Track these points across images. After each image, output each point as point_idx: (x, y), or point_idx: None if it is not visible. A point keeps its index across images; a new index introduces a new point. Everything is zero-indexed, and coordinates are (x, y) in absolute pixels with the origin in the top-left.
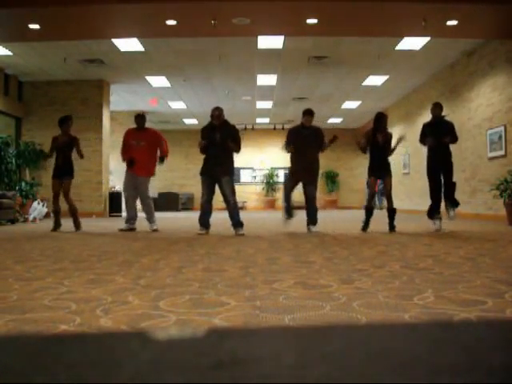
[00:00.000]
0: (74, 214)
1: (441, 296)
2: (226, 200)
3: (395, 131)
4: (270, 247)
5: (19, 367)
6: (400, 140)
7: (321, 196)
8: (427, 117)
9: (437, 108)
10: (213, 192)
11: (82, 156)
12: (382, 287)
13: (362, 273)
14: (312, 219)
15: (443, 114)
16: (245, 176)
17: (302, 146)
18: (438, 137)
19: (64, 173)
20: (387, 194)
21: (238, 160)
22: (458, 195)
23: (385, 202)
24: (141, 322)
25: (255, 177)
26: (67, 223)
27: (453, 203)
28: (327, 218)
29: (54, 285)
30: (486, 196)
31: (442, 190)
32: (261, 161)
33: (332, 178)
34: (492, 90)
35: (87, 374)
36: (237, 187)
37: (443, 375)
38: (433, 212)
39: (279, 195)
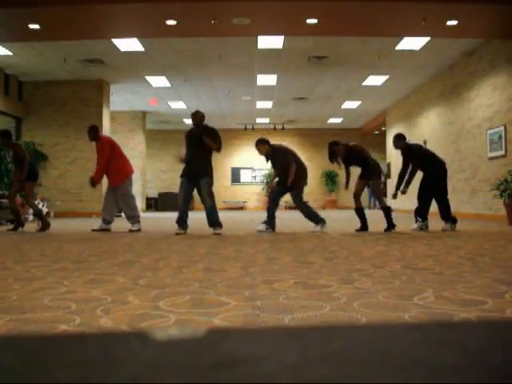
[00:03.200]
0: (40, 215)
1: (441, 296)
2: (202, 200)
3: (395, 131)
4: (270, 247)
5: (19, 367)
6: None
7: (321, 196)
8: (427, 117)
9: (400, 140)
10: (190, 194)
11: (22, 165)
12: (381, 287)
13: (362, 273)
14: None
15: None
16: (245, 176)
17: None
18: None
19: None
20: (376, 195)
21: (238, 160)
22: (458, 195)
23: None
24: (141, 322)
25: (255, 177)
26: (63, 223)
27: (450, 221)
28: (327, 218)
29: (54, 285)
30: (486, 196)
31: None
32: (261, 161)
33: (332, 178)
34: (492, 89)
35: (87, 373)
36: (237, 187)
37: (443, 375)
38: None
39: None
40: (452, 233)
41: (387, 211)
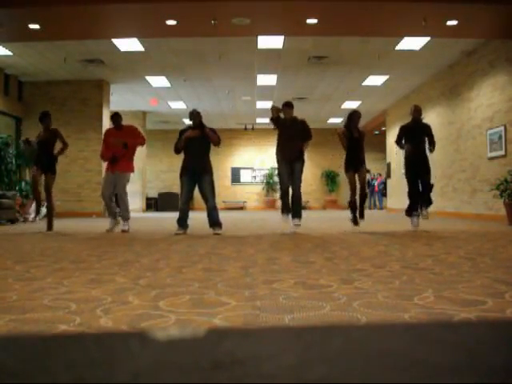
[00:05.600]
0: (50, 213)
1: (441, 296)
2: (205, 200)
3: (395, 131)
4: (270, 247)
5: (19, 367)
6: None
7: (321, 196)
8: (427, 117)
9: (416, 111)
10: (191, 194)
11: (65, 144)
12: (382, 287)
13: (362, 273)
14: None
15: (421, 117)
16: (245, 176)
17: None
18: (416, 140)
19: (47, 168)
20: (362, 182)
21: (238, 160)
22: (458, 195)
23: (385, 203)
24: (141, 322)
25: (255, 177)
26: (63, 223)
27: (426, 202)
28: (327, 218)
29: (54, 285)
30: (486, 196)
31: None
32: (261, 161)
33: (332, 178)
34: (492, 89)
35: (87, 373)
36: (237, 187)
37: (443, 375)
38: (410, 211)
39: (279, 195)
40: (452, 233)
41: (363, 199)
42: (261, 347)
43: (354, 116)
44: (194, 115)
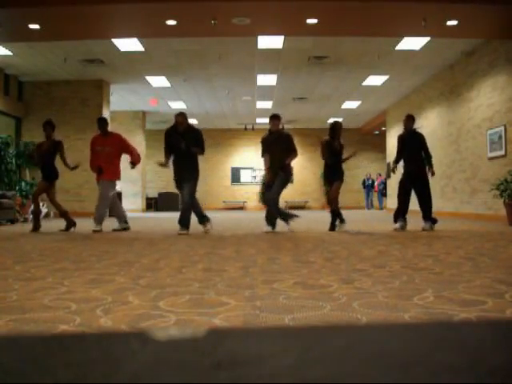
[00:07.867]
0: (63, 215)
1: (441, 296)
2: (182, 199)
3: (395, 131)
4: (270, 247)
5: (19, 367)
6: (353, 154)
7: (321, 196)
8: (427, 117)
9: (409, 121)
10: None
11: (65, 163)
12: (381, 287)
13: (362, 273)
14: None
15: (415, 126)
16: (245, 176)
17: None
18: (412, 150)
19: (48, 177)
20: (333, 196)
21: (238, 160)
22: (458, 195)
23: (385, 203)
24: (141, 322)
25: (255, 177)
26: (63, 223)
27: (430, 221)
28: (327, 218)
29: (54, 285)
30: (486, 196)
31: (411, 200)
32: (261, 161)
33: None
34: (492, 89)
35: (87, 373)
36: (237, 187)
37: (443, 375)
38: (397, 216)
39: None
40: (452, 233)
41: (334, 214)
42: (261, 347)
43: (336, 126)
44: (178, 124)
